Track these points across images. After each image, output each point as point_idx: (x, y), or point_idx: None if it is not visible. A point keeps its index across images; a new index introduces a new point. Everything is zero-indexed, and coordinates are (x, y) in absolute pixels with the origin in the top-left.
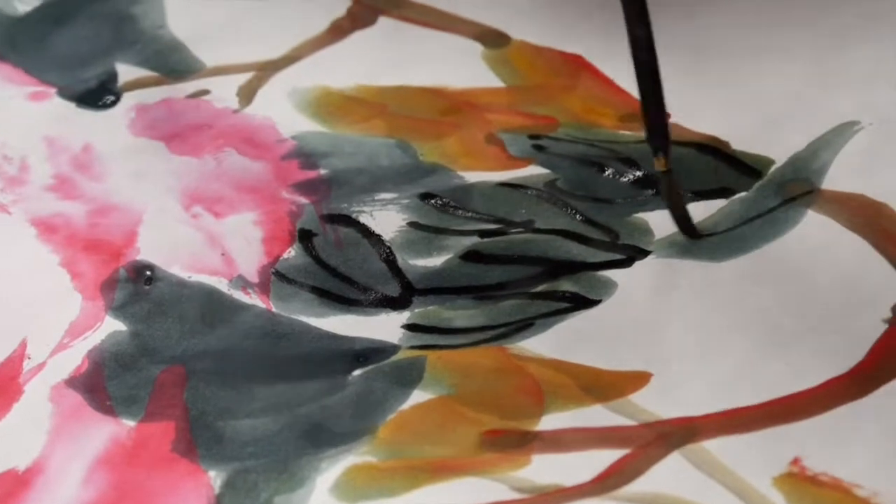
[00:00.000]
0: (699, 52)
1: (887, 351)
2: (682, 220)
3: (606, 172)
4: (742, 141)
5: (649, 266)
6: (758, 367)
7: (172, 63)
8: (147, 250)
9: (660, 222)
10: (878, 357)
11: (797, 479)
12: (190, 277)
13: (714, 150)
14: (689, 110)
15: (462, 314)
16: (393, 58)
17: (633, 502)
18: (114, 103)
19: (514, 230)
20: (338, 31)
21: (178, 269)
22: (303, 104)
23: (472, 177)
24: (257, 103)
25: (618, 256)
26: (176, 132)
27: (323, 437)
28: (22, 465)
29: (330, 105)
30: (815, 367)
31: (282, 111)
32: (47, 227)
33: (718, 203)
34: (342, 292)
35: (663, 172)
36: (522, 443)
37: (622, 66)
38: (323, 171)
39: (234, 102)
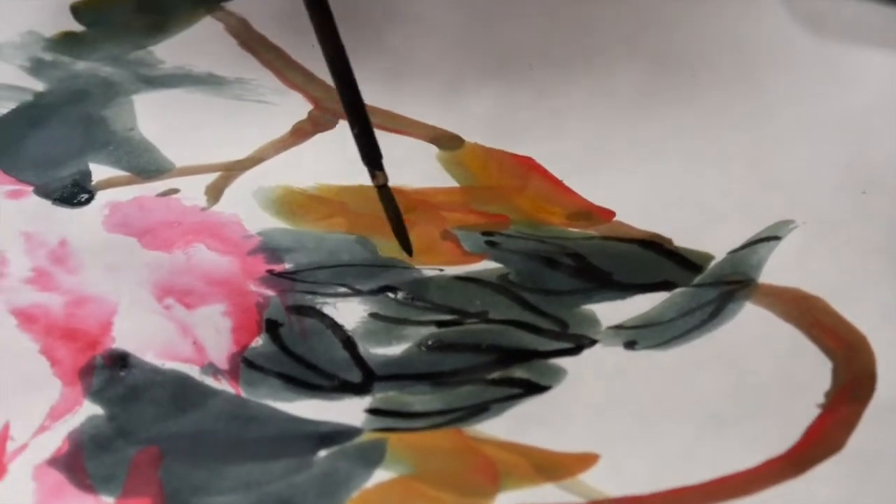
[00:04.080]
0: (645, 155)
1: (821, 434)
2: (400, 233)
3: (555, 266)
4: (683, 237)
5: (597, 354)
6: (699, 448)
7: (143, 163)
8: (122, 339)
9: (606, 313)
10: (812, 439)
11: None
12: (163, 365)
13: (656, 245)
14: (634, 209)
15: (421, 399)
16: (352, 159)
17: None
18: (88, 201)
19: (469, 320)
20: (300, 133)
21: (151, 356)
22: (267, 202)
23: (429, 271)
24: (224, 201)
25: (567, 345)
26: (147, 228)
27: None
28: None
29: (293, 203)
30: (753, 449)
31: (247, 209)
32: (27, 317)
33: (661, 295)
34: (307, 378)
35: (380, 187)
36: None
37: (569, 167)
38: (288, 265)
39: (202, 200)
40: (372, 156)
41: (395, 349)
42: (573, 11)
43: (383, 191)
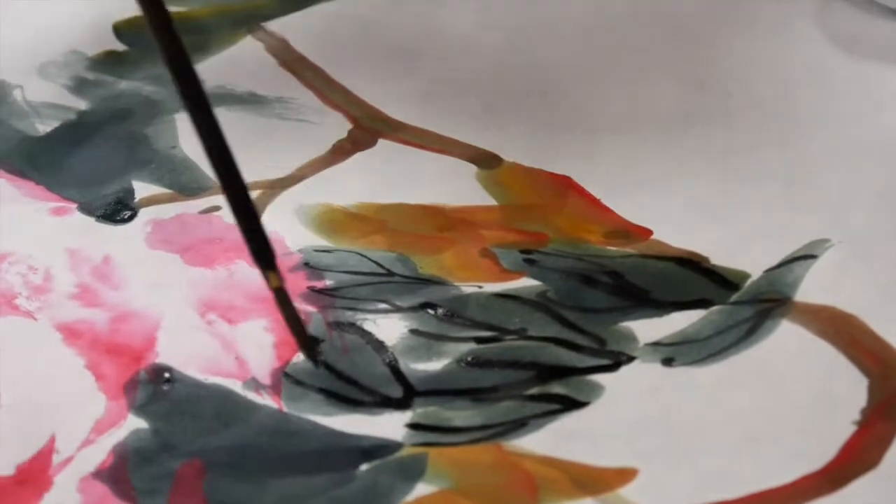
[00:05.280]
0: (682, 174)
1: (857, 451)
2: (299, 336)
3: (593, 284)
4: (719, 256)
5: (634, 370)
6: (736, 464)
7: (185, 181)
8: (165, 354)
9: (644, 330)
10: (848, 456)
11: None
12: (206, 379)
13: (693, 263)
14: (671, 227)
15: (461, 414)
16: (392, 177)
17: None
18: (131, 218)
19: (508, 337)
20: (340, 152)
21: (194, 371)
22: (308, 220)
23: (468, 288)
24: (265, 219)
25: (605, 362)
26: (189, 245)
27: None
28: None
29: (333, 221)
30: (789, 465)
31: (288, 226)
32: (72, 333)
33: (698, 313)
34: (348, 394)
35: (275, 289)
36: None
37: (607, 186)
38: (328, 282)
39: None
40: (264, 254)
41: (435, 365)
42: (609, 33)
43: (279, 294)
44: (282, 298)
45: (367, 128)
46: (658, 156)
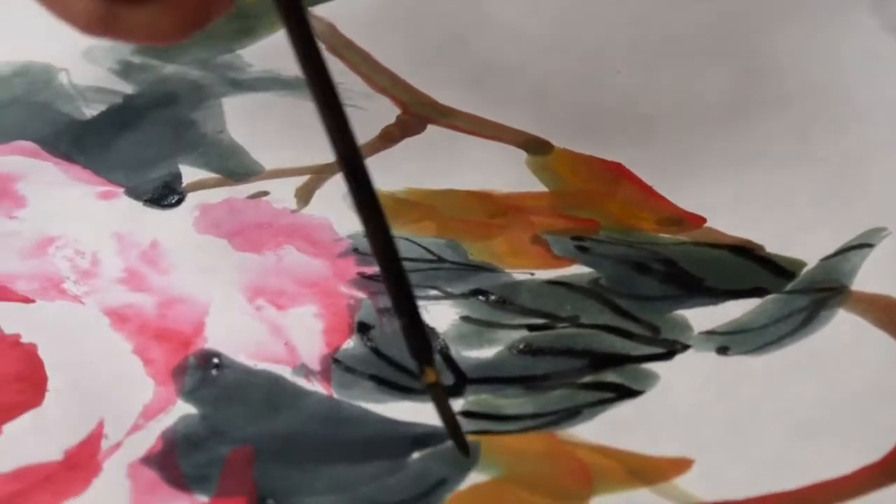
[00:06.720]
0: (736, 162)
1: None
2: (454, 432)
3: (646, 272)
4: (774, 244)
5: (689, 359)
6: (792, 454)
7: (233, 166)
8: (214, 339)
9: (698, 318)
10: None
11: None
12: (255, 365)
13: (748, 251)
14: (725, 215)
15: (513, 402)
16: (441, 163)
17: None
18: (178, 202)
19: (560, 325)
20: (388, 137)
21: (243, 357)
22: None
23: (520, 275)
24: (314, 204)
25: (659, 350)
26: (238, 230)
27: None
28: None
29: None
30: (846, 456)
31: (337, 212)
32: (120, 318)
33: (753, 302)
34: (399, 381)
35: (430, 385)
36: None
37: (659, 173)
38: (378, 269)
39: (292, 203)
40: (422, 349)
41: (487, 352)
42: (661, 18)
43: (434, 390)
44: (438, 396)
45: (416, 113)
46: (711, 143)
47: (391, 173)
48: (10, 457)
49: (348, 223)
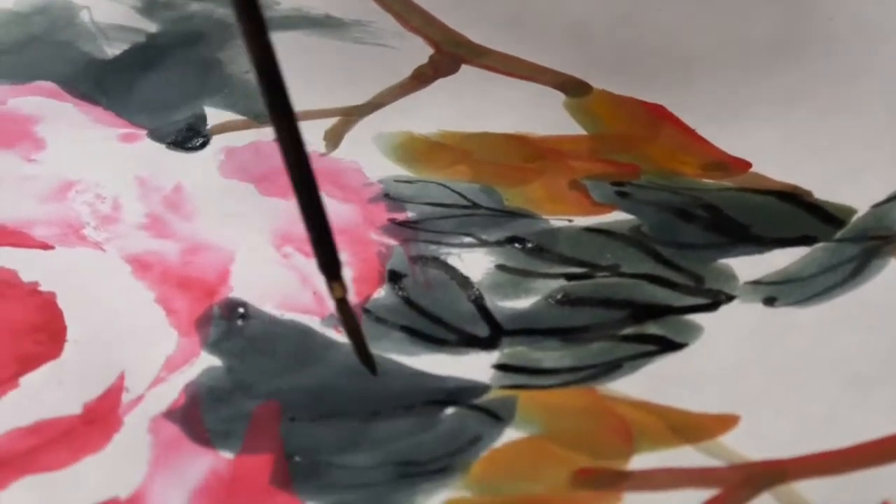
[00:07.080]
0: (782, 104)
1: None
2: (360, 349)
3: (689, 219)
4: (823, 190)
5: (734, 310)
6: (843, 411)
7: (260, 108)
8: (240, 288)
9: (744, 268)
10: None
11: None
12: (283, 315)
13: (796, 197)
14: (771, 160)
15: (550, 355)
16: (476, 105)
17: None
18: (203, 145)
19: (600, 274)
20: (421, 78)
21: (270, 307)
22: (388, 149)
23: (557, 221)
24: (343, 147)
25: (703, 301)
26: (265, 174)
27: (417, 472)
28: (124, 494)
29: (415, 150)
30: None
31: (368, 155)
32: (141, 265)
33: (801, 250)
34: (432, 332)
35: (337, 300)
36: (614, 482)
37: (703, 115)
38: (410, 214)
39: (320, 146)
40: (330, 263)
41: (523, 303)
42: None
43: (341, 305)
44: (344, 310)
45: (450, 53)
46: (756, 84)
47: (423, 115)
48: (27, 410)
49: (379, 167)
